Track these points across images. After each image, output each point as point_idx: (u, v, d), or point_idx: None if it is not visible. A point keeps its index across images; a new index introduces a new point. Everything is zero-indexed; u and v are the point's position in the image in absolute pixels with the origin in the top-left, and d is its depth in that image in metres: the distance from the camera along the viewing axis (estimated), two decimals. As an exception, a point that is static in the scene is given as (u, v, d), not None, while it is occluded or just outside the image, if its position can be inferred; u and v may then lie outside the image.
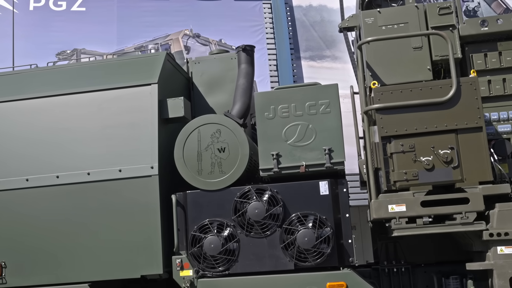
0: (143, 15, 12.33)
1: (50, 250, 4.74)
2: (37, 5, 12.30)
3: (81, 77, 5.31)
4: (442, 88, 4.61)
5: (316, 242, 4.42)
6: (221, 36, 12.25)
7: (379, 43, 4.97)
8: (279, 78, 11.94)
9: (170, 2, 12.60)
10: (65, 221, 4.77)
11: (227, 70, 5.71)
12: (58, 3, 12.28)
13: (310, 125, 4.71)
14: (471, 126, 4.54)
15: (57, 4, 12.28)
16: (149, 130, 4.83)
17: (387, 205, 4.56)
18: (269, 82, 11.67)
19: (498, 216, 4.43)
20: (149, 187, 4.71)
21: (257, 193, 4.62)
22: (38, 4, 12.29)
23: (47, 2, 12.30)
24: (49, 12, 12.28)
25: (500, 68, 4.96)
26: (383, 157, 4.69)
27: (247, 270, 4.57)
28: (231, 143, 4.75)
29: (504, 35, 4.99)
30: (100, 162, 4.83)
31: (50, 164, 4.88)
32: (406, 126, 4.60)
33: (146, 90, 4.93)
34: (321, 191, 4.63)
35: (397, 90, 4.70)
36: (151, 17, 12.30)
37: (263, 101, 4.84)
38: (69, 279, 4.69)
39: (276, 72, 12.14)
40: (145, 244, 4.65)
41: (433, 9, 5.06)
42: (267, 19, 12.66)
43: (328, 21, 11.96)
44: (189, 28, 12.37)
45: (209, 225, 4.62)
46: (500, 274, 4.36)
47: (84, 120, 4.98)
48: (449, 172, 4.50)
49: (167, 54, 5.34)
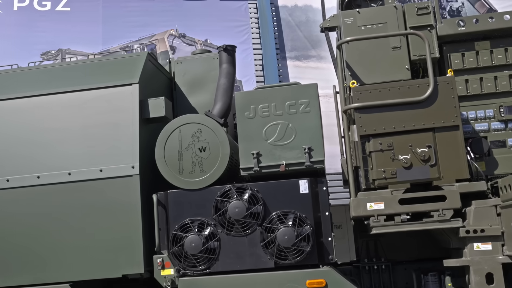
0: (129, 15, 12.27)
1: (30, 251, 4.73)
2: (21, 5, 12.20)
3: (62, 77, 5.30)
4: (420, 87, 4.68)
5: (296, 240, 4.44)
6: (207, 36, 12.24)
7: (358, 43, 5.03)
8: (265, 78, 11.97)
9: (156, 2, 12.56)
10: (46, 222, 4.76)
11: (209, 70, 5.72)
12: (43, 3, 12.21)
13: (290, 124, 4.73)
14: (448, 124, 4.61)
15: (41, 4, 12.20)
16: (130, 130, 4.84)
17: (366, 203, 4.62)
18: (254, 82, 11.68)
19: (475, 213, 4.50)
20: (130, 186, 4.72)
21: (237, 192, 4.63)
22: (22, 4, 12.20)
23: (31, 2, 12.21)
24: (33, 12, 12.20)
25: (477, 67, 5.03)
26: (362, 156, 4.75)
27: (228, 268, 4.58)
28: (212, 142, 4.77)
29: (481, 35, 5.07)
30: (81, 162, 4.82)
31: (31, 164, 4.87)
32: (385, 125, 4.66)
33: (127, 90, 4.93)
34: (301, 189, 4.64)
35: (375, 90, 4.76)
36: (136, 17, 12.25)
37: (243, 101, 4.87)
38: (49, 279, 4.68)
39: (262, 72, 12.16)
40: (126, 244, 4.65)
41: (411, 9, 5.13)
42: (253, 19, 12.69)
43: (313, 21, 12.01)
44: (174, 28, 12.34)
45: (190, 224, 4.63)
46: (477, 270, 4.42)
47: (65, 120, 4.97)
48: (426, 170, 4.57)
49: (149, 54, 5.35)
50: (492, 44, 5.06)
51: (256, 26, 12.62)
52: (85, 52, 11.75)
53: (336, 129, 5.75)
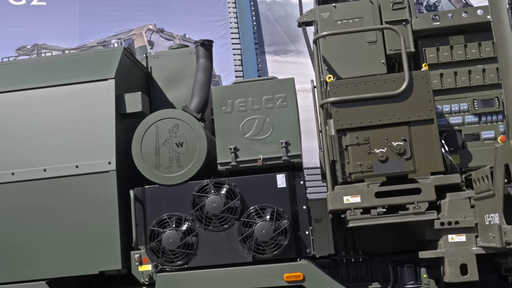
0: (106, 9, 12.13)
1: (5, 248, 4.69)
2: (-4, -1, 12.04)
3: (37, 72, 5.25)
4: (395, 81, 4.73)
5: (273, 234, 4.47)
6: (186, 31, 12.16)
7: (334, 38, 5.06)
8: (244, 73, 11.92)
9: (135, -4, 12.50)
10: (21, 219, 4.71)
11: (186, 65, 5.71)
12: (18, -4, 12.07)
13: (267, 119, 4.75)
14: (423, 118, 4.67)
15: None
16: (107, 126, 4.81)
17: (343, 196, 4.65)
18: (233, 77, 11.61)
19: (449, 206, 4.57)
20: (107, 182, 4.70)
21: (215, 187, 4.64)
22: (-3, -1, 12.04)
23: (5, -3, 12.06)
24: (8, 6, 12.01)
25: (452, 61, 5.10)
26: (339, 150, 4.78)
27: (206, 263, 4.60)
28: (189, 137, 4.77)
29: (455, 30, 5.14)
30: (56, 158, 4.78)
31: (5, 161, 4.82)
32: (361, 119, 4.70)
33: (103, 85, 4.90)
34: (279, 184, 4.67)
35: (351, 84, 4.79)
36: (113, 12, 12.11)
37: (220, 96, 4.87)
38: (25, 277, 4.63)
39: (241, 67, 12.13)
40: (103, 240, 4.64)
41: (387, 4, 5.16)
42: (232, 14, 12.64)
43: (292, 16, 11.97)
44: (152, 23, 12.23)
45: (167, 220, 4.63)
46: (451, 262, 4.49)
47: (41, 115, 4.92)
48: (402, 163, 4.62)
49: (125, 49, 5.32)
50: (466, 39, 5.12)
51: (235, 21, 12.59)
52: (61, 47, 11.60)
53: (314, 123, 5.75)
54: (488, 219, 4.23)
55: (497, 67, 4.64)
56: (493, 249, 4.30)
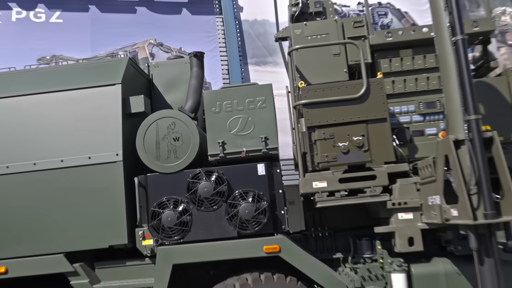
0: (114, 26, 12.04)
1: (29, 226, 4.60)
2: (19, 16, 11.82)
3: (56, 78, 5.15)
4: (355, 87, 4.73)
5: (254, 213, 4.46)
6: (181, 44, 12.10)
7: (305, 50, 5.04)
8: (230, 81, 11.96)
9: (137, 16, 12.35)
10: (41, 201, 4.64)
11: (182, 73, 5.64)
12: (38, 15, 11.83)
13: (249, 118, 4.72)
14: (378, 117, 4.69)
15: (37, 16, 11.84)
16: (114, 123, 4.74)
17: (312, 182, 4.68)
18: (221, 83, 11.58)
19: (399, 189, 4.63)
20: (115, 171, 4.64)
21: (206, 174, 4.61)
22: (20, 16, 11.81)
23: (28, 15, 11.82)
24: (30, 23, 11.82)
25: (402, 71, 5.11)
26: (309, 144, 4.79)
27: (199, 238, 4.58)
28: (184, 133, 4.73)
29: (404, 44, 5.14)
30: (72, 151, 4.71)
31: (27, 153, 4.73)
32: (327, 118, 4.70)
33: (111, 89, 4.83)
34: (259, 172, 4.66)
35: (319, 89, 4.79)
36: (120, 29, 12.02)
37: (210, 98, 4.83)
38: (46, 251, 4.57)
39: (227, 75, 12.15)
40: (112, 219, 4.58)
41: (349, 23, 5.18)
42: (220, 31, 12.63)
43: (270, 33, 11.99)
44: (153, 38, 12.18)
45: (166, 202, 4.59)
46: (401, 235, 4.57)
47: (58, 115, 4.83)
48: (361, 154, 4.64)
49: (130, 59, 5.24)
50: (414, 52, 5.13)
51: (223, 37, 12.57)
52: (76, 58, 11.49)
53: (288, 122, 5.74)
54: (431, 200, 4.29)
55: (438, 75, 4.68)
56: (435, 225, 4.38)
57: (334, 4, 5.72)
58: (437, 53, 4.26)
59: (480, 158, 3.81)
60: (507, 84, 5.03)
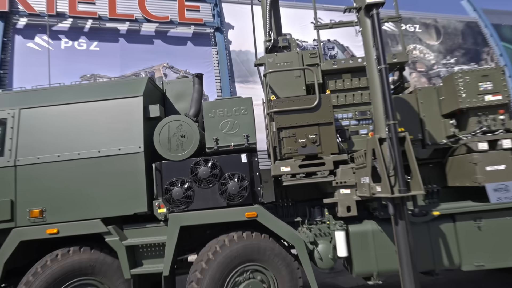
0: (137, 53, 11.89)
1: (75, 199, 4.54)
2: (67, 45, 11.57)
3: (94, 91, 5.05)
4: (311, 100, 4.77)
5: (239, 189, 4.49)
6: (187, 67, 12.03)
7: (276, 73, 5.07)
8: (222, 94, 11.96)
9: (154, 46, 12.22)
10: (85, 181, 4.57)
11: (187, 88, 5.56)
12: (80, 44, 11.60)
13: (236, 121, 4.72)
14: (326, 121, 4.73)
15: (80, 45, 11.61)
16: (138, 124, 4.68)
17: (280, 167, 4.71)
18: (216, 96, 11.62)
19: (341, 172, 4.68)
20: (138, 159, 4.59)
21: (204, 161, 4.61)
22: (67, 45, 11.57)
23: (73, 44, 11.56)
24: (75, 50, 11.57)
25: (343, 89, 5.16)
26: (278, 140, 4.81)
27: (199, 207, 4.57)
28: (189, 132, 4.71)
29: (345, 70, 5.19)
30: (106, 144, 4.65)
31: (74, 146, 4.65)
32: (291, 122, 4.73)
33: (135, 100, 4.77)
34: (242, 160, 4.66)
35: (286, 101, 4.81)
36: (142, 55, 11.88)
37: (207, 107, 4.82)
38: (88, 217, 4.52)
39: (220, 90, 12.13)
40: (136, 193, 4.55)
41: (306, 54, 5.21)
42: (214, 58, 12.59)
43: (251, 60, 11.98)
44: (166, 62, 12.06)
45: (175, 181, 4.57)
46: (342, 204, 4.64)
47: (97, 118, 4.76)
48: (314, 148, 4.69)
49: (149, 78, 5.18)
50: (352, 75, 5.17)
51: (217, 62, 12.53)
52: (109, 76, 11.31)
53: (263, 124, 5.74)
54: (363, 180, 4.37)
55: (369, 92, 4.75)
56: (365, 197, 4.46)
57: (296, 40, 5.75)
58: (367, 77, 4.32)
59: (396, 151, 3.91)
60: (415, 99, 5.15)
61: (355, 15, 4.42)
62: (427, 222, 4.64)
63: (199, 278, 4.31)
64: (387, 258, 4.52)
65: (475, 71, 4.83)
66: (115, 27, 12.15)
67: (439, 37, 17.24)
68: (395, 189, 3.87)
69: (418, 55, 16.28)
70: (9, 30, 11.17)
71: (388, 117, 3.98)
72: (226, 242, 4.43)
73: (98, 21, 11.94)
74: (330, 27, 5.46)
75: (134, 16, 12.27)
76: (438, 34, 17.31)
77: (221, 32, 12.98)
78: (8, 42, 11.03)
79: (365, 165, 4.27)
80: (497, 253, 4.56)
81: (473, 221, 4.63)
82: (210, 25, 12.97)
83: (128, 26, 12.25)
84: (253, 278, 4.43)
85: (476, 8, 19.01)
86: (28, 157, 4.61)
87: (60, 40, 11.57)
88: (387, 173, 3.90)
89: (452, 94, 4.85)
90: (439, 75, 16.08)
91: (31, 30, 11.34)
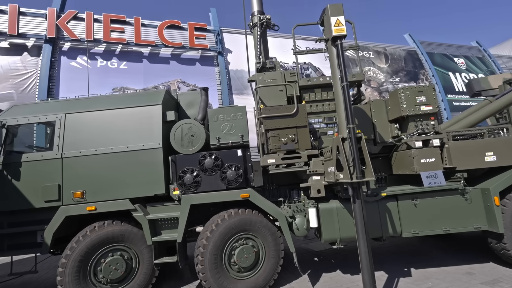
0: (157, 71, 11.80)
1: (109, 184, 4.48)
2: (102, 64, 11.41)
3: (123, 100, 4.96)
4: (291, 108, 4.73)
5: (236, 176, 4.50)
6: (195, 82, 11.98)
7: (264, 88, 5.01)
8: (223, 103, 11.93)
9: (170, 65, 12.14)
10: (116, 170, 4.50)
11: (196, 98, 5.50)
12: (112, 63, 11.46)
13: (233, 124, 4.70)
14: (302, 125, 4.70)
15: (112, 64, 11.47)
16: (157, 126, 4.63)
17: (267, 159, 4.68)
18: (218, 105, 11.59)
19: (313, 163, 4.65)
20: (157, 153, 4.54)
21: (209, 155, 4.58)
22: (102, 64, 11.42)
23: (107, 63, 11.41)
24: (107, 68, 11.40)
25: (315, 100, 5.13)
26: (266, 139, 4.79)
27: (205, 190, 4.54)
28: (197, 132, 4.67)
29: (317, 86, 5.15)
30: (132, 141, 4.59)
31: (107, 142, 4.58)
32: (276, 125, 4.69)
33: (155, 107, 4.72)
34: (238, 154, 4.64)
35: (272, 109, 4.77)
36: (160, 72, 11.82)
37: (212, 113, 4.77)
38: (119, 197, 4.46)
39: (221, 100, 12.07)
40: (156, 179, 4.49)
41: (288, 73, 5.15)
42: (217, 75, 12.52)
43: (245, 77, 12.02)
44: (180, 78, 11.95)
45: (187, 170, 4.55)
46: (314, 188, 4.58)
47: (125, 121, 4.68)
48: (293, 145, 4.67)
49: (166, 90, 5.13)
50: (322, 90, 5.15)
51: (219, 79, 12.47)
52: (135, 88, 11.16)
53: (255, 127, 5.69)
54: (329, 169, 4.36)
55: (334, 103, 4.76)
56: (331, 183, 4.43)
57: (279, 62, 5.73)
58: (333, 91, 4.32)
59: (354, 147, 3.94)
60: (369, 108, 5.19)
61: (324, 44, 4.43)
62: (377, 201, 4.69)
63: (205, 244, 4.32)
64: (347, 228, 4.56)
65: (413, 87, 4.89)
66: (140, 50, 12.02)
67: (388, 61, 17.50)
68: (353, 176, 3.90)
69: (371, 75, 16.48)
70: (56, 52, 11.03)
71: (349, 122, 4.01)
72: (225, 217, 4.44)
73: (126, 46, 11.81)
74: (305, 53, 5.50)
75: (154, 42, 12.20)
76: (386, 59, 17.57)
77: (222, 55, 12.94)
78: (55, 62, 10.91)
79: (331, 158, 4.30)
80: (428, 224, 4.66)
81: (411, 200, 4.70)
82: (213, 50, 12.93)
83: (150, 50, 12.13)
84: (246, 244, 4.47)
85: (415, 40, 19.47)
86: (72, 151, 4.54)
87: (97, 60, 11.40)
88: (347, 164, 3.93)
89: (396, 105, 4.91)
90: (387, 90, 16.32)
91: (74, 52, 11.18)
